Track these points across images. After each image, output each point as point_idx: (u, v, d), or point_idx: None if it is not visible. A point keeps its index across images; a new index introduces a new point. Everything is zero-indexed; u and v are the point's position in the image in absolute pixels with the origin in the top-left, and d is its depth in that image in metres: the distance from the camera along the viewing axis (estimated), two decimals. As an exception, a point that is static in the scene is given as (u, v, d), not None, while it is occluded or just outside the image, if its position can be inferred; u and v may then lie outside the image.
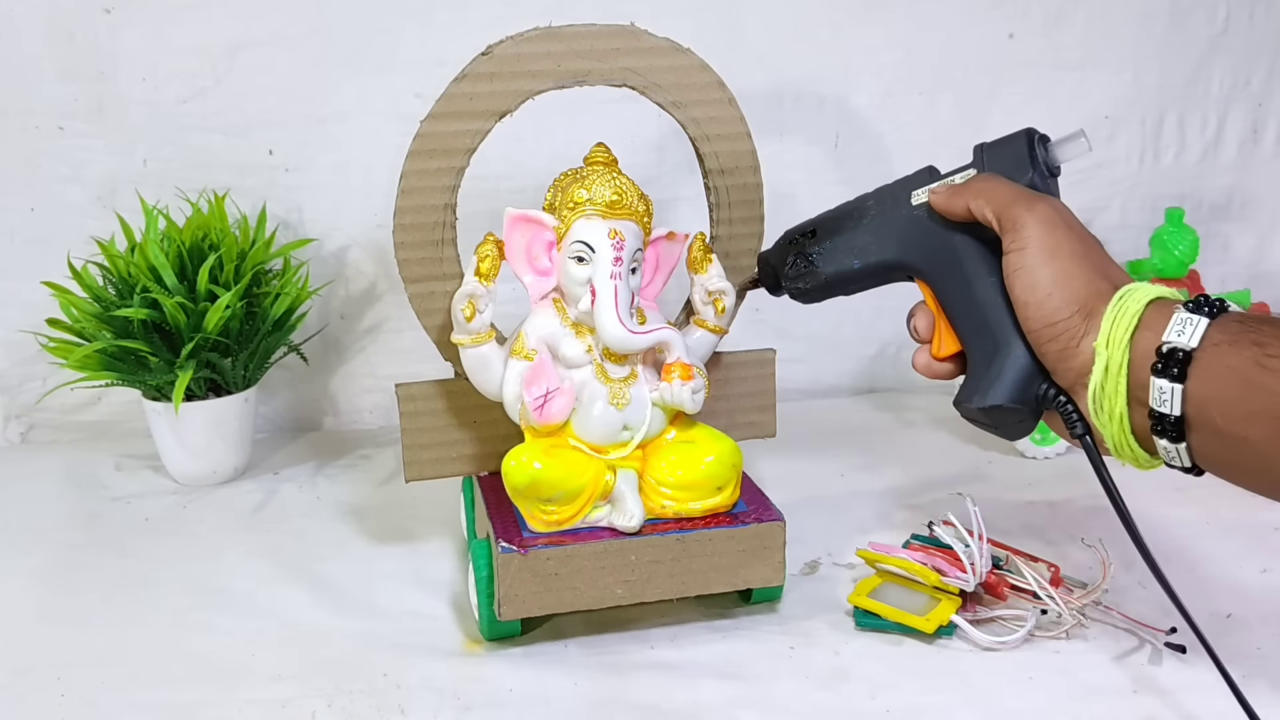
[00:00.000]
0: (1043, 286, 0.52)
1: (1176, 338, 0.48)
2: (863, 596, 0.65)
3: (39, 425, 0.97)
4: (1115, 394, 0.50)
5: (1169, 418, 0.48)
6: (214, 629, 0.66)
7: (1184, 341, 0.47)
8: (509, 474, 0.62)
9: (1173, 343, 0.48)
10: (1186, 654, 0.61)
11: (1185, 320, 0.48)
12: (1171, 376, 0.47)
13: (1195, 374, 0.47)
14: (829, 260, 0.63)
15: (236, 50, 0.90)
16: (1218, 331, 0.47)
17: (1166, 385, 0.48)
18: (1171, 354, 0.48)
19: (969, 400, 0.56)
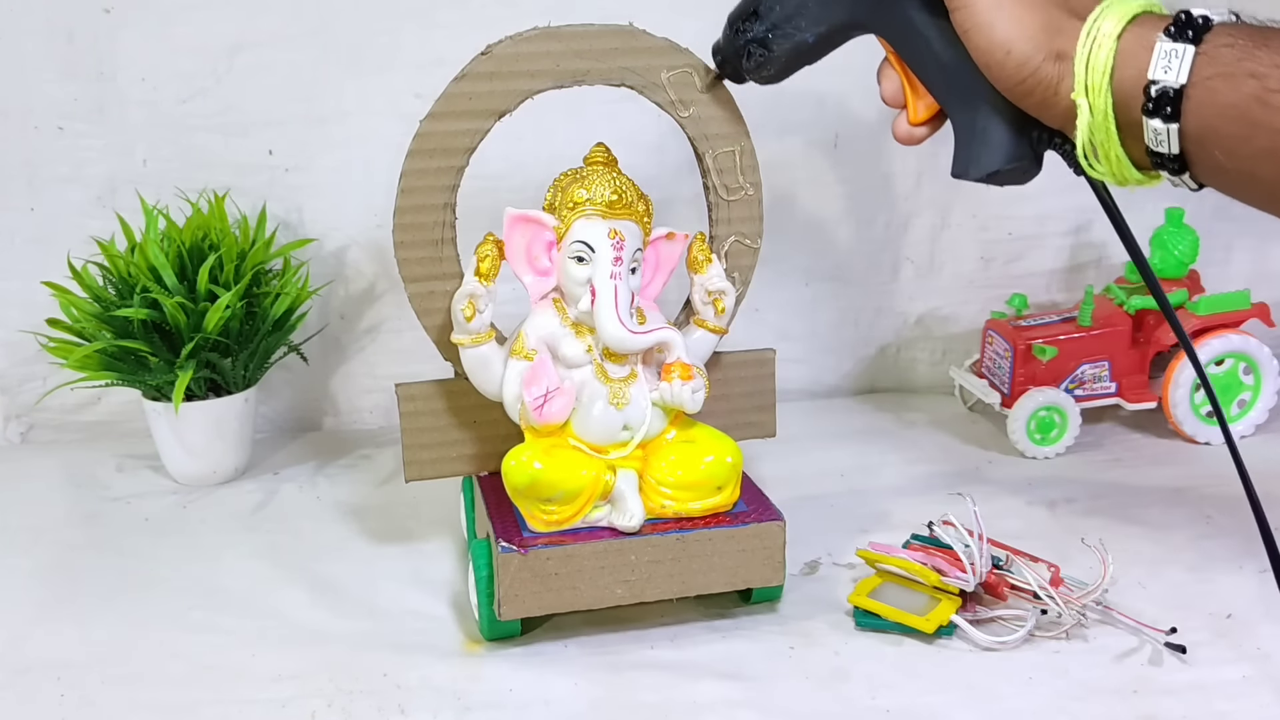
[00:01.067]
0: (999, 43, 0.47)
1: (1163, 75, 0.44)
2: (863, 596, 0.65)
3: (39, 425, 0.97)
4: (1108, 140, 0.47)
5: (1168, 155, 0.46)
6: (214, 629, 0.66)
7: (1171, 79, 0.44)
8: (509, 474, 0.62)
9: (1160, 80, 0.44)
10: (1186, 654, 0.61)
11: (1170, 52, 0.44)
12: (1164, 116, 0.44)
13: (1190, 111, 0.44)
14: (781, 39, 0.59)
15: (236, 50, 0.90)
16: (1207, 64, 0.43)
17: (1160, 125, 0.45)
18: (1162, 95, 0.44)
19: (965, 172, 0.53)
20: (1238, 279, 0.94)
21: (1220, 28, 0.44)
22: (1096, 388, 0.92)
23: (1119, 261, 1.04)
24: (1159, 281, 0.52)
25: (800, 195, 0.99)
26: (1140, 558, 0.72)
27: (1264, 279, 1.06)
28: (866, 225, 1.02)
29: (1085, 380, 0.91)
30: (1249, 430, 0.91)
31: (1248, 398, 0.91)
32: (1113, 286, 0.95)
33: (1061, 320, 0.93)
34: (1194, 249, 0.92)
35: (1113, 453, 0.90)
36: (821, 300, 1.03)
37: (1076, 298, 1.01)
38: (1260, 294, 0.93)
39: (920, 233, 1.03)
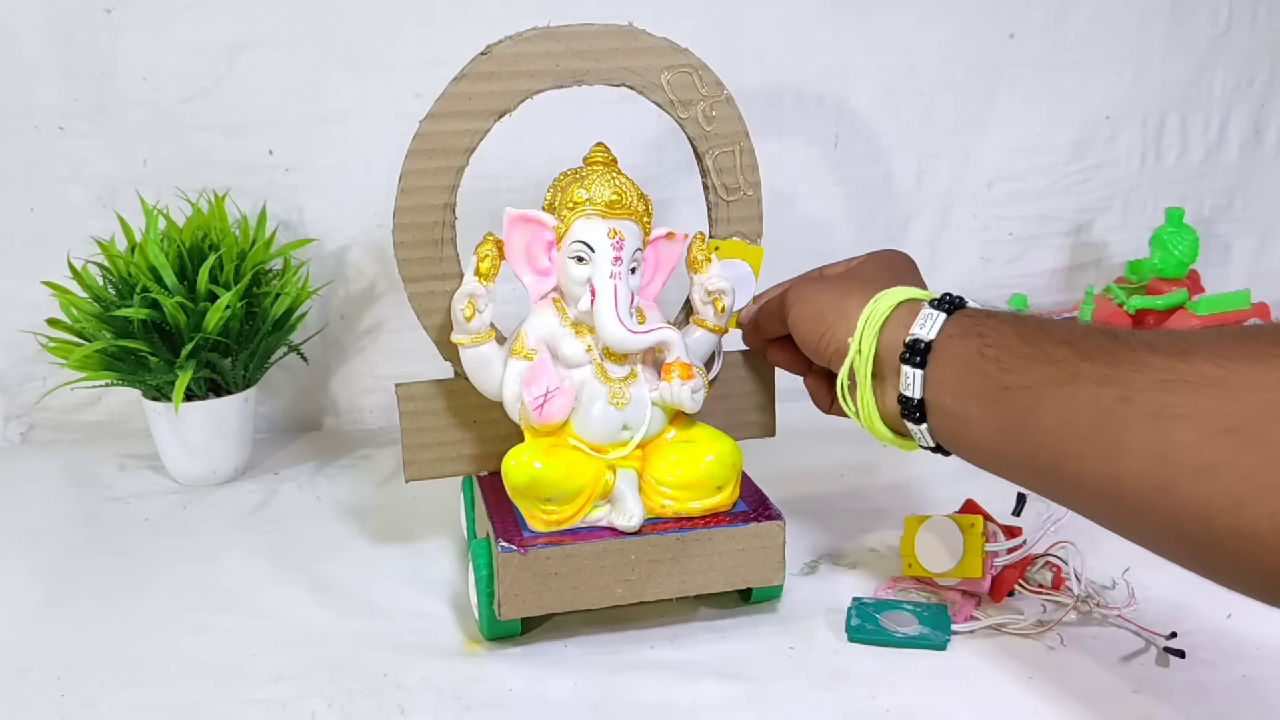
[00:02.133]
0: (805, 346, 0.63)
1: (919, 330, 0.55)
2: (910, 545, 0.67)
3: (39, 425, 0.98)
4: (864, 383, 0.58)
5: (913, 400, 0.55)
6: (214, 629, 0.66)
7: (924, 334, 0.54)
8: (509, 474, 0.62)
9: (916, 335, 0.55)
10: (1185, 659, 0.61)
11: (927, 315, 0.55)
12: (914, 364, 0.54)
13: (933, 361, 0.54)
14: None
15: (236, 50, 0.90)
16: (952, 325, 0.54)
17: (910, 371, 0.55)
18: (914, 344, 0.54)
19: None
20: (1238, 279, 0.95)
21: (972, 308, 0.55)
22: (1096, 388, 0.91)
23: (1119, 261, 1.04)
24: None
25: (800, 195, 0.99)
26: (1140, 558, 0.71)
27: (1264, 279, 1.07)
28: (866, 225, 1.02)
29: (1085, 380, 0.91)
30: (1249, 430, 0.91)
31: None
32: (1113, 286, 0.95)
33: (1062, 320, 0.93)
34: (1194, 249, 0.92)
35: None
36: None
37: (1076, 298, 1.01)
38: (1260, 294, 0.93)
39: (920, 233, 1.03)
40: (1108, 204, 1.05)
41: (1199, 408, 0.41)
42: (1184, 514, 0.42)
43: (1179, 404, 0.42)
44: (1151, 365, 0.44)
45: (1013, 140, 1.03)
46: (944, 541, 0.66)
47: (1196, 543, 0.43)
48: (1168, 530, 0.44)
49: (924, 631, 0.63)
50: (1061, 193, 1.04)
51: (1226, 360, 0.41)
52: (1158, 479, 0.42)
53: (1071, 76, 1.02)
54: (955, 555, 0.65)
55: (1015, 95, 1.01)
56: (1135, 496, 0.44)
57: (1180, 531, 0.43)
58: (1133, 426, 0.43)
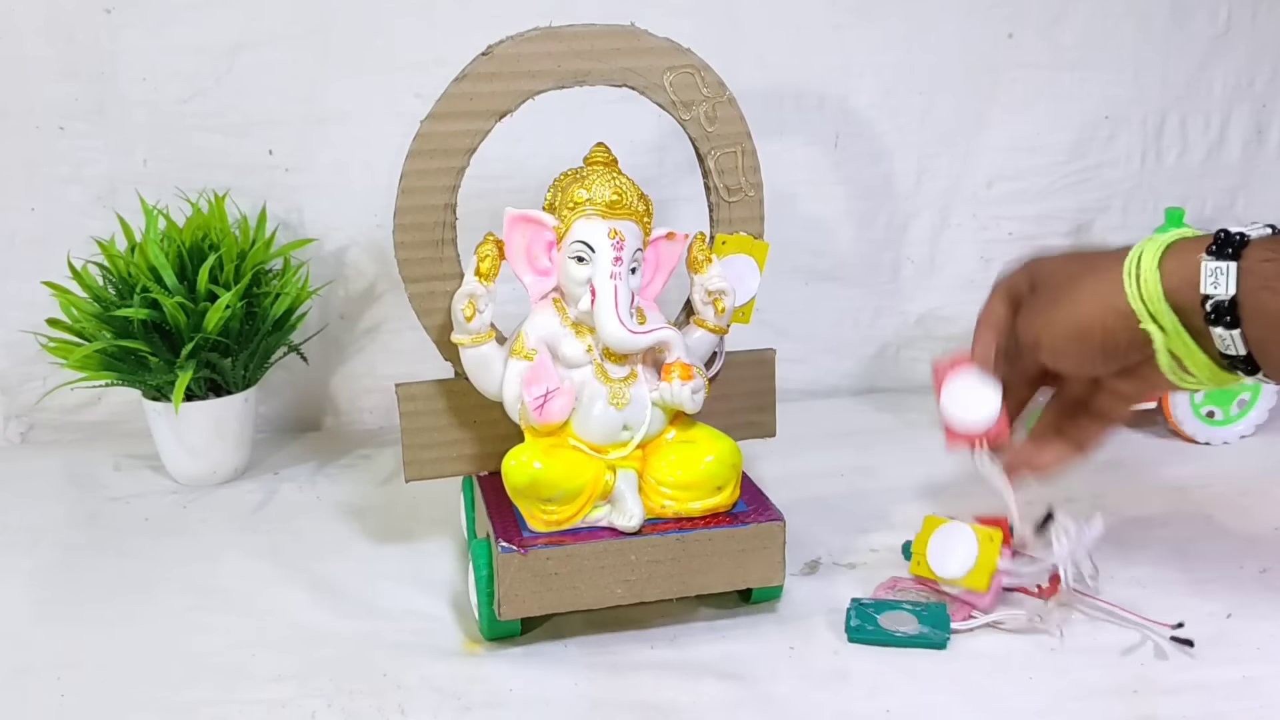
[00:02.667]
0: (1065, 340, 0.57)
1: (1213, 289, 0.49)
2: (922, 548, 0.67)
3: (39, 425, 0.98)
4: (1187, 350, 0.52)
5: (1238, 357, 0.51)
6: (214, 629, 0.66)
7: (1221, 292, 0.49)
8: (509, 474, 0.62)
9: (1212, 294, 0.49)
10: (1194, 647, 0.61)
11: (1215, 269, 0.50)
12: (1225, 324, 0.50)
13: (1246, 319, 0.49)
14: None
15: (236, 50, 0.90)
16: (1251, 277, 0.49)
17: (1224, 332, 0.50)
18: (1218, 306, 0.49)
19: None
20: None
21: (1256, 243, 0.49)
22: (1096, 388, 0.91)
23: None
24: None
25: (800, 195, 0.99)
26: (1140, 557, 0.72)
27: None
28: (866, 225, 1.02)
29: (1085, 380, 0.91)
30: (1249, 430, 0.91)
31: (1248, 398, 0.91)
32: (1113, 286, 0.95)
33: (1061, 320, 0.93)
34: (1194, 249, 0.92)
35: (1113, 453, 0.89)
36: (821, 300, 1.03)
37: (1076, 298, 1.01)
38: (1260, 294, 0.93)
39: (920, 233, 1.03)
40: (1108, 204, 1.05)
41: None
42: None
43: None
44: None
45: (1013, 140, 1.03)
46: (959, 548, 0.66)
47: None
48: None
49: (924, 630, 0.63)
50: (1061, 193, 1.04)
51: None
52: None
53: (1071, 76, 1.02)
54: (966, 565, 0.65)
55: (1015, 95, 1.01)
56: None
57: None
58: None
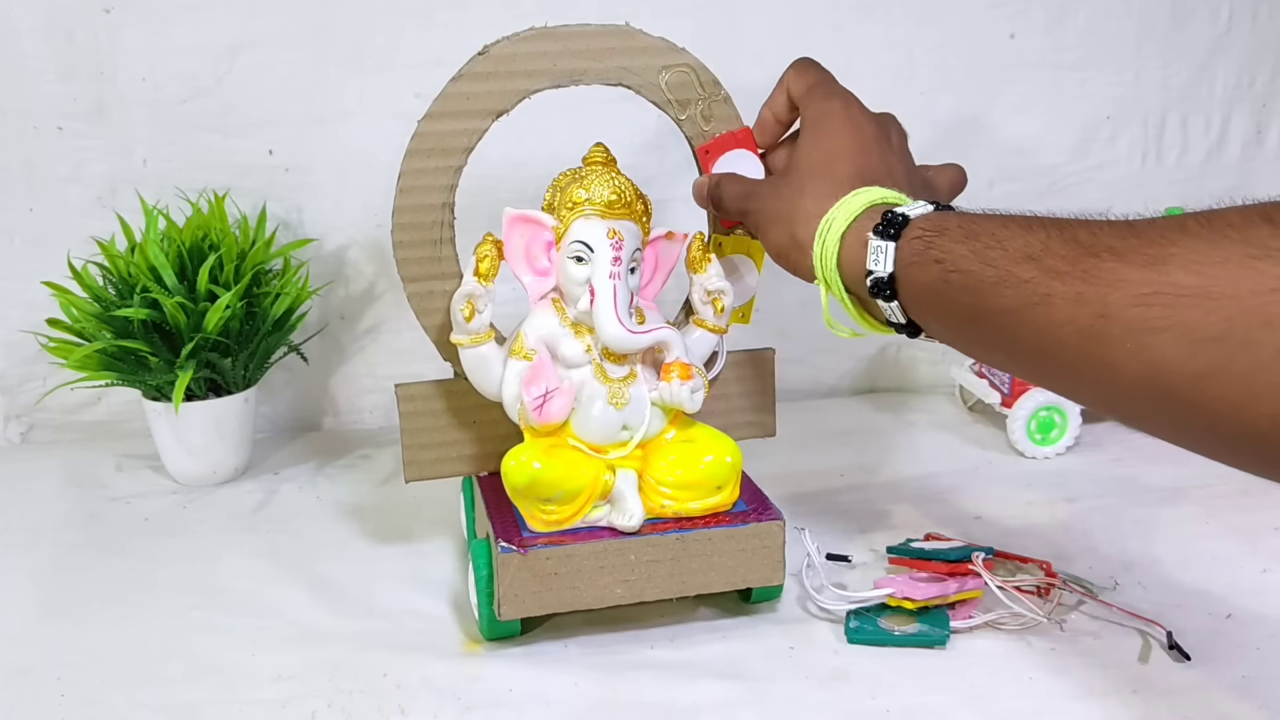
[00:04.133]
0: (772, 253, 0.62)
1: (874, 266, 0.53)
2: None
3: (39, 425, 0.98)
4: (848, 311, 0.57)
5: (901, 324, 0.55)
6: (214, 629, 0.66)
7: (880, 269, 0.53)
8: (508, 474, 0.62)
9: (874, 270, 0.53)
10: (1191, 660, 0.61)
11: (877, 248, 0.53)
12: (885, 297, 0.54)
13: (902, 293, 0.53)
14: None
15: (236, 50, 0.90)
16: (906, 253, 0.52)
17: (884, 304, 0.54)
18: (877, 281, 0.54)
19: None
20: (1238, 279, 0.94)
21: (914, 223, 0.53)
22: (1097, 387, 0.91)
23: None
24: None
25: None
26: (1140, 558, 0.72)
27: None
28: (866, 225, 1.02)
29: (1085, 380, 0.91)
30: (1249, 430, 0.91)
31: (1248, 397, 0.91)
32: (1113, 286, 0.95)
33: (1062, 320, 0.93)
34: (1194, 249, 0.92)
35: (1113, 453, 0.90)
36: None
37: (1077, 297, 1.01)
38: (1260, 294, 0.93)
39: (920, 232, 1.03)
40: (1108, 204, 1.05)
41: (1181, 319, 0.40)
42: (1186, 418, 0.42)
43: (1161, 317, 0.41)
44: (1125, 279, 0.42)
45: (1013, 140, 1.03)
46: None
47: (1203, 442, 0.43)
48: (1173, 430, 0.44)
49: (923, 629, 0.63)
50: (1062, 193, 1.04)
51: (1202, 266, 0.40)
52: (1153, 388, 0.42)
53: (1071, 77, 1.02)
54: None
55: (1015, 95, 1.01)
56: (1134, 403, 0.44)
57: (1185, 431, 0.43)
58: (1117, 342, 0.42)
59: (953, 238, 0.51)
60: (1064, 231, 0.47)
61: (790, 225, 0.59)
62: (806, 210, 0.58)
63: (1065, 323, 0.45)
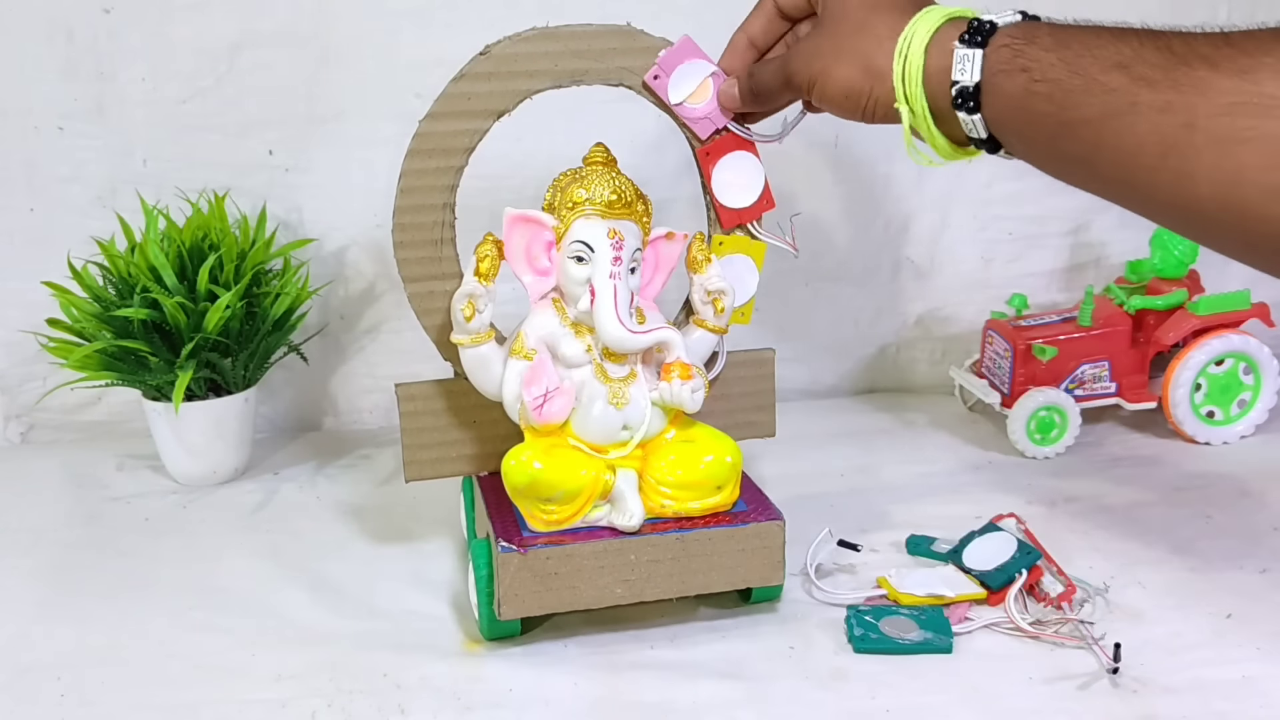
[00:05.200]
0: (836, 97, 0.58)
1: (960, 75, 0.52)
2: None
3: (39, 425, 0.98)
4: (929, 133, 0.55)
5: (980, 139, 0.54)
6: (214, 629, 0.66)
7: (966, 79, 0.52)
8: (509, 474, 0.62)
9: (959, 80, 0.52)
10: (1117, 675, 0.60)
11: (964, 57, 0.52)
12: (968, 110, 0.52)
13: (986, 104, 0.52)
14: None
15: (236, 50, 0.90)
16: (993, 61, 0.51)
17: (967, 116, 0.53)
18: (962, 91, 0.52)
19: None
20: (1238, 279, 0.94)
21: (1002, 31, 0.52)
22: (1096, 388, 0.92)
23: (1119, 261, 1.04)
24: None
25: (800, 195, 0.99)
26: (1140, 558, 0.72)
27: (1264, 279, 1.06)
28: (866, 225, 1.02)
29: (1085, 380, 0.91)
30: (1249, 430, 0.91)
31: (1248, 398, 0.91)
32: (1113, 286, 0.95)
33: (1061, 320, 0.93)
34: (1194, 249, 0.92)
35: (1113, 453, 0.90)
36: (821, 300, 1.03)
37: (1076, 298, 1.01)
38: (1260, 294, 0.93)
39: (920, 233, 1.03)
40: (1108, 204, 1.05)
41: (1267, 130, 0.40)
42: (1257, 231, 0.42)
43: (1246, 127, 0.41)
44: (1215, 87, 0.42)
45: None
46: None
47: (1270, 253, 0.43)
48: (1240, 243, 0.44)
49: (928, 636, 0.63)
50: (1061, 193, 1.04)
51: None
52: (1229, 200, 0.42)
53: (1071, 76, 1.02)
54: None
55: (1015, 95, 1.01)
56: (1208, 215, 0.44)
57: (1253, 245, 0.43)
58: (1200, 153, 0.42)
59: (1042, 45, 0.49)
60: (1157, 40, 0.45)
61: (862, 56, 0.56)
62: (878, 35, 0.55)
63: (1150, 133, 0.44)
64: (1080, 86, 0.47)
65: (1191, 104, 0.42)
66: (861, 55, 0.56)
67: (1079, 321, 0.91)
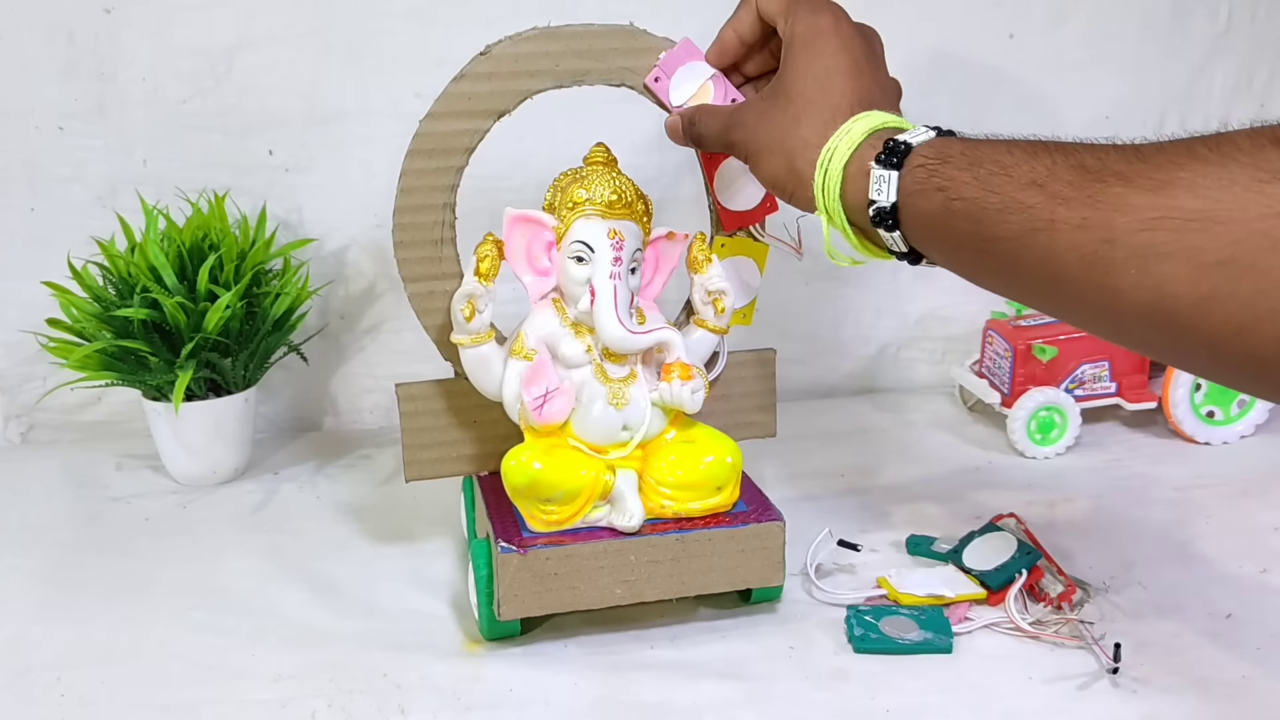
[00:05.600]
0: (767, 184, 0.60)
1: (878, 196, 0.52)
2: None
3: (39, 425, 0.97)
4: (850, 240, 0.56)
5: (904, 252, 0.54)
6: (214, 629, 0.66)
7: (883, 199, 0.52)
8: (508, 474, 0.62)
9: (876, 200, 0.52)
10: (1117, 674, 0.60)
11: (880, 178, 0.52)
12: (887, 227, 0.53)
13: (904, 222, 0.52)
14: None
15: (236, 50, 0.90)
16: (909, 182, 0.51)
17: (886, 234, 0.53)
18: (879, 211, 0.53)
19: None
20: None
21: (917, 151, 0.52)
22: (1096, 388, 0.92)
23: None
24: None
25: (800, 195, 0.99)
26: (1140, 558, 0.72)
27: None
28: (866, 225, 1.02)
29: (1085, 380, 0.91)
30: (1249, 430, 0.91)
31: (1248, 398, 0.91)
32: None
33: (1061, 320, 0.93)
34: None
35: (1113, 453, 0.90)
36: (821, 300, 1.03)
37: (1076, 298, 1.01)
38: (1260, 294, 0.93)
39: (920, 233, 1.03)
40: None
41: (1187, 244, 0.40)
42: (1189, 344, 0.42)
43: (1166, 243, 0.41)
44: (1131, 204, 0.42)
45: (1013, 140, 1.03)
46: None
47: (1204, 367, 0.43)
48: (1175, 355, 0.44)
49: (928, 636, 0.63)
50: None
51: (1209, 190, 0.40)
52: (1157, 314, 0.42)
53: (1071, 76, 1.02)
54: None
55: (1014, 95, 1.01)
56: (1136, 329, 0.44)
57: (1188, 357, 0.43)
58: (1121, 268, 0.42)
59: (956, 165, 0.50)
60: (1069, 157, 0.46)
61: (788, 156, 0.57)
62: (805, 140, 0.56)
63: (1069, 249, 0.44)
64: (997, 204, 0.47)
65: (1109, 220, 0.43)
66: (789, 155, 0.57)
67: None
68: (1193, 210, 0.40)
